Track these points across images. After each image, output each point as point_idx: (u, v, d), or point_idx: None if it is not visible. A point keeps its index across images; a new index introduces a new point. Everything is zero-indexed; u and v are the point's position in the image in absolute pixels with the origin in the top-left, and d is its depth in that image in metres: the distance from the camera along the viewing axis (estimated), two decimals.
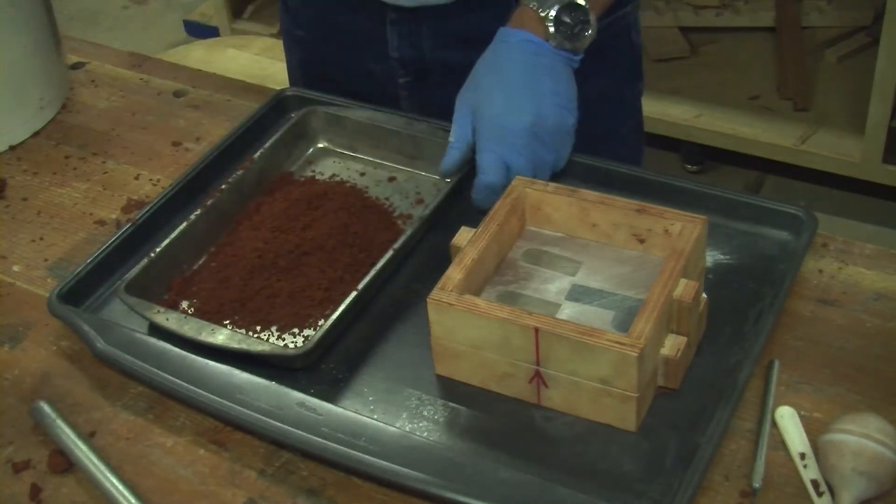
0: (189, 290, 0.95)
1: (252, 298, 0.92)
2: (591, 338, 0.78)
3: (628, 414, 0.80)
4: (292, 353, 0.87)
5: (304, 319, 0.91)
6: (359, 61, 1.18)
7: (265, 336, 0.90)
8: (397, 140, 1.07)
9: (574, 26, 0.98)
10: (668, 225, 0.88)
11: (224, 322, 0.91)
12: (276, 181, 1.05)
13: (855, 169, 2.20)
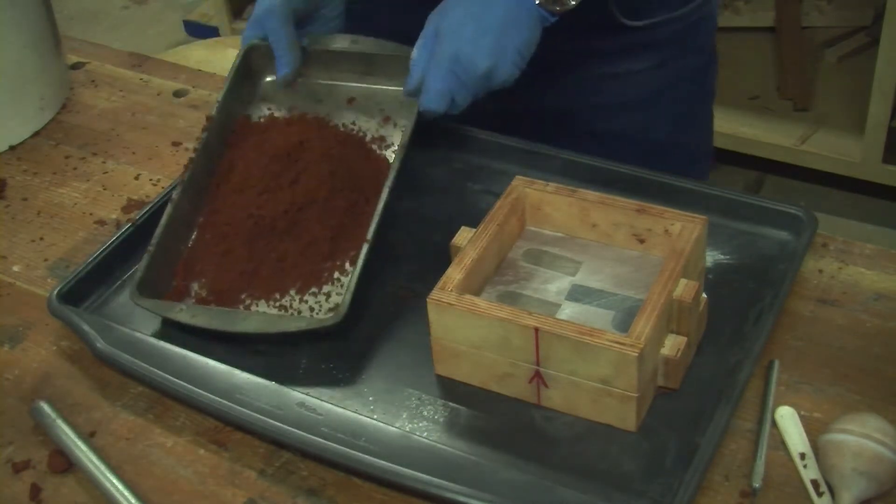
0: (194, 271, 0.94)
1: (261, 266, 0.91)
2: (591, 338, 0.78)
3: (628, 414, 0.80)
4: (330, 321, 0.87)
5: (320, 275, 0.91)
6: None
7: (287, 302, 0.90)
8: (346, 60, 1.05)
9: None
10: (668, 225, 0.88)
11: (241, 297, 0.90)
12: (239, 131, 1.02)
13: (855, 169, 2.20)
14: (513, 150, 1.06)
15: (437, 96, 0.95)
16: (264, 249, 0.92)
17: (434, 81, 0.95)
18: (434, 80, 0.95)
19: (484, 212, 0.91)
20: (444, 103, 0.95)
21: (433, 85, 0.95)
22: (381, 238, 0.92)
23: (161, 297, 0.92)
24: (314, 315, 0.90)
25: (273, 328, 0.87)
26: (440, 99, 0.95)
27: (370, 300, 0.94)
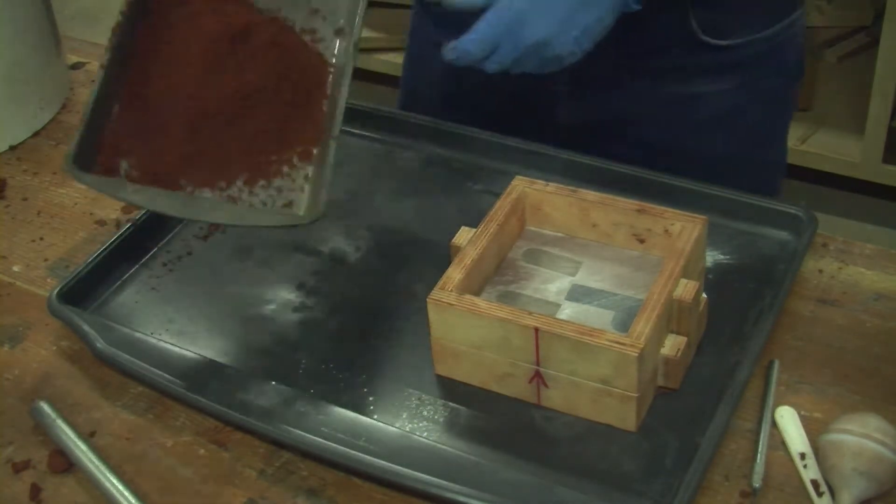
0: (121, 147, 0.85)
1: (203, 151, 0.84)
2: (591, 338, 0.78)
3: (628, 414, 0.80)
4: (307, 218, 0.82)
5: (269, 168, 0.84)
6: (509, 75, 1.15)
7: (235, 192, 0.83)
8: None
9: None
10: (668, 225, 0.88)
11: (181, 181, 0.83)
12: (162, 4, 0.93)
13: (855, 169, 2.20)
14: (513, 150, 1.06)
15: (478, 41, 0.88)
16: (206, 134, 0.84)
17: (485, 24, 0.88)
18: (485, 23, 0.88)
19: (484, 212, 0.91)
20: (484, 50, 0.89)
21: (482, 27, 0.88)
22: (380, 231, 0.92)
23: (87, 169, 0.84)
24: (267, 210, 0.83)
25: (244, 221, 0.82)
26: (480, 46, 0.88)
27: (370, 300, 0.94)
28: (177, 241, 1.02)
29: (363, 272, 0.97)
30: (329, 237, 1.01)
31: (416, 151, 1.11)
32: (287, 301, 0.95)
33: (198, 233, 1.03)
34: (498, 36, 0.88)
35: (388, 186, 1.07)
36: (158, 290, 0.97)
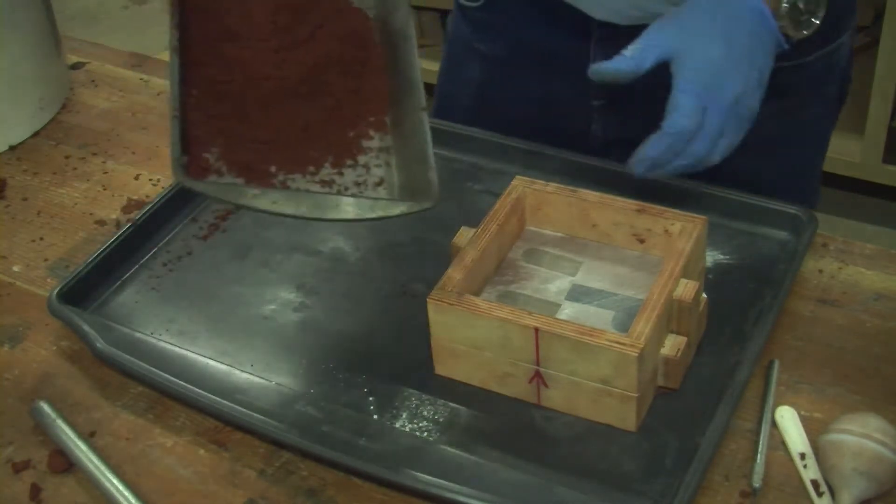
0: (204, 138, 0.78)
1: (283, 135, 0.80)
2: (591, 338, 0.78)
3: (628, 414, 0.80)
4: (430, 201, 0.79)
5: (349, 145, 0.80)
6: (548, 82, 1.11)
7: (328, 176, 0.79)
8: None
9: (803, 14, 0.90)
10: (668, 225, 0.88)
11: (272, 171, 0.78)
12: None
13: (855, 169, 2.20)
14: (513, 150, 1.06)
15: (688, 110, 0.85)
16: (286, 116, 0.80)
17: (682, 97, 0.85)
18: (682, 96, 0.85)
19: (484, 212, 0.91)
20: (696, 118, 0.85)
21: (682, 100, 0.85)
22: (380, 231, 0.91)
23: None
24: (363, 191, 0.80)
25: (372, 213, 0.79)
26: (692, 114, 0.85)
27: (370, 300, 0.94)
28: (177, 241, 1.02)
29: (363, 272, 0.97)
30: (329, 237, 1.01)
31: None
32: (287, 301, 0.95)
33: (197, 233, 1.03)
34: (704, 97, 0.86)
35: None
36: (158, 290, 0.97)
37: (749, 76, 0.87)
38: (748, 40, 0.88)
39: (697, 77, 0.86)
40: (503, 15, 1.11)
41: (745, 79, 0.86)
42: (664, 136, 0.86)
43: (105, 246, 0.99)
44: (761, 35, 0.88)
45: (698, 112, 0.85)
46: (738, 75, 0.86)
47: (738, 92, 0.86)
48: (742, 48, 0.87)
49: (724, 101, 0.85)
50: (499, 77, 1.15)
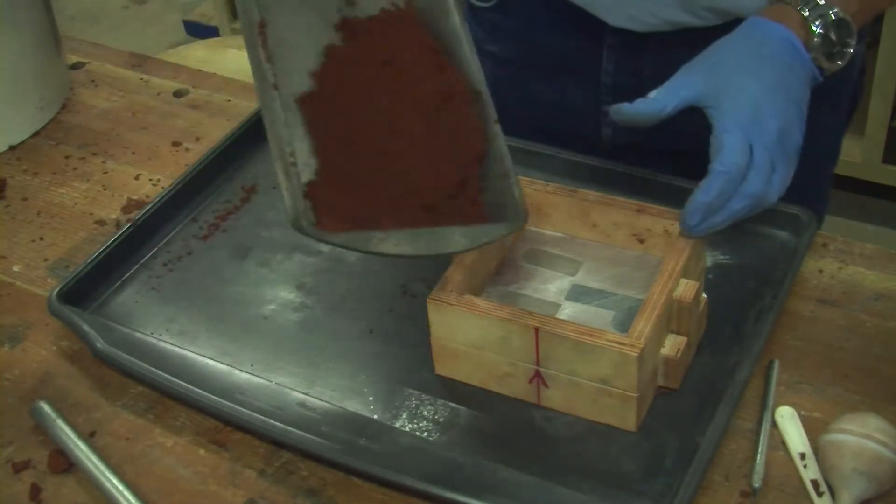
0: (335, 189, 0.76)
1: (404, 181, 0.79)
2: (591, 338, 0.78)
3: (628, 414, 0.80)
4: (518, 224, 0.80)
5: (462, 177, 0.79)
6: (559, 86, 1.10)
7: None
8: None
9: (835, 45, 0.89)
10: (668, 225, 0.88)
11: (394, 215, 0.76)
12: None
13: (855, 169, 2.20)
14: (513, 150, 1.05)
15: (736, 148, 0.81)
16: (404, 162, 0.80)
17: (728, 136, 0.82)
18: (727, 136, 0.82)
19: None
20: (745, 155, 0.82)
21: (728, 140, 0.82)
22: None
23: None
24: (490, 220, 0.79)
25: (480, 240, 0.78)
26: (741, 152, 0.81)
27: (370, 300, 0.94)
28: (177, 241, 1.02)
29: (363, 272, 0.97)
30: None
31: None
32: (287, 301, 0.95)
33: (197, 233, 1.03)
34: (749, 133, 0.82)
35: None
36: (158, 290, 0.97)
37: (788, 109, 0.84)
38: (783, 73, 0.85)
39: (738, 114, 0.83)
40: (515, 17, 1.11)
41: (784, 112, 0.84)
42: (715, 176, 0.81)
43: (105, 246, 0.99)
44: (795, 67, 0.87)
45: (746, 148, 0.81)
46: (777, 108, 0.83)
47: (780, 125, 0.83)
48: (777, 81, 0.85)
49: (769, 136, 0.82)
50: (509, 79, 1.14)
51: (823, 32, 0.88)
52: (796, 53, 0.87)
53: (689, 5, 0.98)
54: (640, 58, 1.04)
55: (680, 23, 1.00)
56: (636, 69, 1.05)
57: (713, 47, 0.88)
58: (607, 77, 1.06)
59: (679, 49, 1.00)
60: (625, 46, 1.04)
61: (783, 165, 0.83)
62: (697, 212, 0.82)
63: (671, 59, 1.01)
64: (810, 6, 0.88)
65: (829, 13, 0.88)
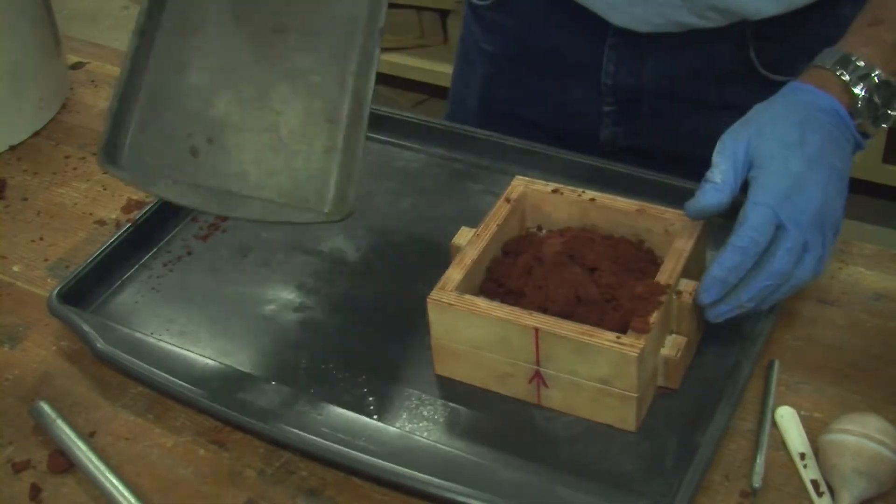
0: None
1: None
2: (591, 338, 0.78)
3: (628, 414, 0.80)
4: (338, 214, 0.82)
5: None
6: (558, 85, 1.10)
7: None
8: None
9: (879, 108, 0.86)
10: (668, 225, 0.88)
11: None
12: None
13: (855, 169, 2.18)
14: (513, 150, 1.06)
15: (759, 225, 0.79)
16: None
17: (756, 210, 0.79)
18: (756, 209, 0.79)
19: (484, 212, 0.91)
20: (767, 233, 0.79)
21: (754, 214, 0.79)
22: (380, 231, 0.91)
23: None
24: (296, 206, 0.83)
25: (275, 217, 0.82)
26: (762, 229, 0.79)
27: (370, 300, 0.94)
28: (177, 241, 1.02)
29: (363, 272, 0.97)
30: (329, 237, 1.01)
31: (416, 151, 1.11)
32: (287, 301, 0.95)
33: (198, 233, 1.03)
34: (779, 211, 0.79)
35: (388, 186, 1.07)
36: (158, 290, 0.97)
37: (829, 185, 0.82)
38: (827, 145, 0.83)
39: (774, 189, 0.80)
40: (515, 15, 1.10)
41: (825, 188, 0.81)
42: (731, 250, 0.79)
43: (105, 246, 0.99)
44: (839, 139, 0.84)
45: (769, 226, 0.79)
46: (818, 185, 0.81)
47: (819, 203, 0.80)
48: (822, 154, 0.82)
49: (806, 214, 0.79)
50: (506, 78, 1.14)
51: (868, 96, 0.85)
52: (842, 123, 0.85)
53: (695, 6, 0.98)
54: (641, 59, 1.04)
55: (685, 24, 0.99)
56: (637, 70, 1.04)
57: (756, 113, 0.86)
58: (608, 77, 1.06)
59: (681, 50, 1.01)
60: (627, 47, 1.03)
61: (819, 244, 0.81)
62: (713, 287, 0.79)
63: (673, 61, 1.01)
64: (850, 69, 0.85)
65: (873, 76, 0.85)
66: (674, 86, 1.04)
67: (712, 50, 1.01)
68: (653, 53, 1.03)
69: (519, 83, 1.13)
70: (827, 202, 0.81)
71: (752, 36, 1.00)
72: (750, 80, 1.02)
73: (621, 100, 1.07)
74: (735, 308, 0.81)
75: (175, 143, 0.86)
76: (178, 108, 0.87)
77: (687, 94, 1.04)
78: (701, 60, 1.02)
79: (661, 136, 1.05)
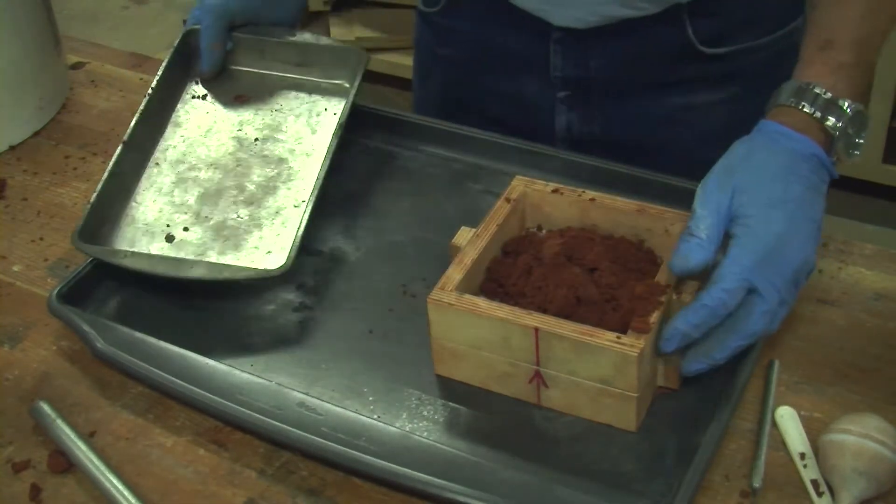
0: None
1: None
2: (591, 338, 0.78)
3: (628, 414, 0.80)
4: (277, 270, 0.91)
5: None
6: (511, 81, 1.12)
7: None
8: (282, 49, 1.12)
9: (853, 137, 0.86)
10: (668, 225, 0.88)
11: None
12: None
13: (855, 169, 2.20)
14: (513, 150, 1.06)
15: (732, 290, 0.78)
16: None
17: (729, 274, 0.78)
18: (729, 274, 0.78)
19: (484, 212, 0.91)
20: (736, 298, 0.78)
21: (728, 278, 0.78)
22: (380, 231, 0.92)
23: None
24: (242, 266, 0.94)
25: (220, 275, 0.91)
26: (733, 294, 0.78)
27: (370, 300, 0.94)
28: None
29: (363, 272, 0.97)
30: (329, 237, 1.01)
31: (417, 151, 1.11)
32: (287, 301, 0.95)
33: None
34: (756, 274, 0.78)
35: (388, 186, 1.07)
36: (158, 289, 0.97)
37: (808, 240, 0.81)
38: (808, 194, 0.82)
39: (753, 252, 0.78)
40: (463, 19, 1.13)
41: (804, 246, 0.80)
42: (698, 308, 0.78)
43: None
44: (818, 185, 0.84)
45: (741, 291, 0.78)
46: (798, 245, 0.80)
47: (797, 264, 0.80)
48: (803, 209, 0.81)
49: (784, 276, 0.79)
50: (464, 78, 1.17)
51: (843, 128, 0.85)
52: (821, 168, 0.84)
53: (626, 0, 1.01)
54: (586, 51, 1.06)
55: (620, 16, 1.02)
56: (583, 62, 1.07)
57: (739, 160, 0.84)
58: (556, 71, 1.08)
59: (622, 39, 1.04)
60: (570, 41, 1.06)
61: (792, 298, 0.81)
62: (675, 339, 0.79)
63: (615, 50, 1.05)
64: (819, 104, 0.85)
65: (845, 108, 0.85)
66: (619, 72, 1.07)
67: (652, 35, 1.03)
68: (595, 45, 1.05)
69: (476, 82, 1.16)
70: (806, 260, 0.80)
71: (688, 16, 1.02)
72: (691, 57, 1.05)
73: (571, 86, 1.10)
74: (709, 366, 0.80)
75: (153, 231, 0.98)
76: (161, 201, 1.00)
77: (633, 78, 1.06)
78: (642, 46, 1.04)
79: (613, 120, 1.07)
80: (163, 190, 1.01)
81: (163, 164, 1.03)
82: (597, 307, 0.82)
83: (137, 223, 0.99)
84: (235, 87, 1.11)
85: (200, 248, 0.96)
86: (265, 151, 1.04)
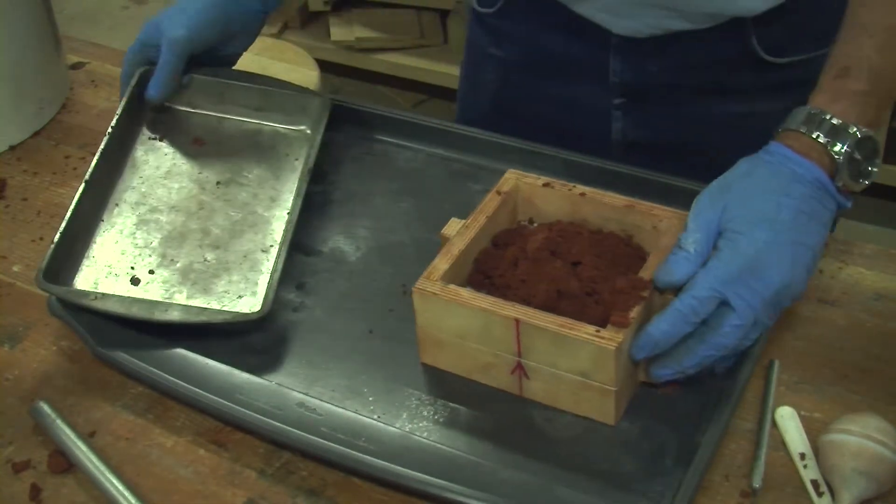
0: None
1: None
2: (570, 330, 0.78)
3: (607, 407, 0.80)
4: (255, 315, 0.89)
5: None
6: (567, 86, 1.11)
7: None
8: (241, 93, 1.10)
9: (861, 164, 0.84)
10: (657, 222, 0.88)
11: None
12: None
13: None
14: (513, 150, 1.06)
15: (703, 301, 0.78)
16: None
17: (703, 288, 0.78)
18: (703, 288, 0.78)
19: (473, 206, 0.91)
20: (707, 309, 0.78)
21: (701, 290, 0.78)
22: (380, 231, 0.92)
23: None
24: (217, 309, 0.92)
25: (196, 318, 0.89)
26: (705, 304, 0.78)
27: (370, 300, 0.94)
28: None
29: (363, 272, 0.97)
30: (329, 237, 1.01)
31: (416, 151, 1.11)
32: (287, 301, 0.95)
33: None
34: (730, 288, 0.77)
35: (388, 186, 1.07)
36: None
37: (797, 263, 0.80)
38: (801, 218, 0.81)
39: (730, 267, 0.78)
40: (519, 22, 1.12)
41: (788, 269, 0.79)
42: (672, 313, 0.78)
43: None
44: (817, 211, 0.82)
45: (713, 301, 0.78)
46: (779, 268, 0.79)
47: (776, 287, 0.79)
48: (792, 228, 0.80)
49: (761, 295, 0.78)
50: (515, 82, 1.15)
51: (850, 152, 0.83)
52: (824, 194, 0.83)
53: (689, 16, 1.00)
54: (645, 58, 1.05)
55: (679, 29, 1.01)
56: (642, 67, 1.06)
57: (737, 177, 0.84)
58: (615, 76, 1.08)
59: (683, 47, 1.03)
60: (630, 48, 1.05)
61: (769, 319, 0.80)
62: (647, 346, 0.79)
63: (676, 57, 1.04)
64: (824, 129, 0.84)
65: (853, 132, 0.84)
66: (679, 78, 1.06)
67: (714, 43, 1.02)
68: (655, 52, 1.04)
69: (529, 85, 1.15)
70: (788, 284, 0.79)
71: (752, 25, 1.01)
72: (753, 64, 1.04)
73: (629, 93, 1.09)
74: (677, 373, 0.80)
75: (116, 273, 0.95)
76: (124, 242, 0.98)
77: (693, 84, 1.05)
78: (704, 54, 1.03)
79: (669, 125, 1.06)
80: (124, 231, 0.98)
81: (122, 205, 1.00)
82: (578, 300, 0.81)
83: (99, 264, 0.95)
84: (194, 129, 1.08)
85: (168, 293, 0.93)
86: (227, 195, 1.02)
